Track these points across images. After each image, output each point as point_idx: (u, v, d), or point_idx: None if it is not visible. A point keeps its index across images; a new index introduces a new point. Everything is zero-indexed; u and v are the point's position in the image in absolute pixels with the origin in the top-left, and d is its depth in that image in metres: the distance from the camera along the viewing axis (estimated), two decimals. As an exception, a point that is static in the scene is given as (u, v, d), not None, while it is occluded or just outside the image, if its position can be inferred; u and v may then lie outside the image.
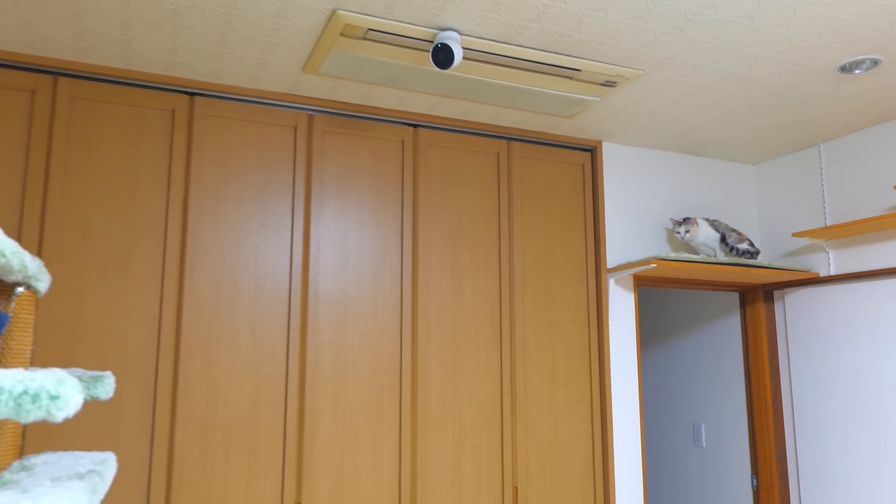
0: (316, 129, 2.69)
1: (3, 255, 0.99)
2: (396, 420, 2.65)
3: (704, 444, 3.75)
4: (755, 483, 3.39)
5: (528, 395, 2.88)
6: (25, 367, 1.29)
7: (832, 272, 3.11)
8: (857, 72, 2.43)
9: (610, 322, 3.07)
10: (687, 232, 3.07)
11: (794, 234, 3.06)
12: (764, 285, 3.41)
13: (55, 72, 2.38)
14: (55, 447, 2.20)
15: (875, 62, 2.36)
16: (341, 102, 2.73)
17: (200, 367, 2.41)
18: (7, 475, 1.12)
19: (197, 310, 2.44)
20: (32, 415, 0.78)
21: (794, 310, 3.28)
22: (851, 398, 2.99)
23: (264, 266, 2.55)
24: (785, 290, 3.34)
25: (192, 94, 2.54)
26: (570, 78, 2.46)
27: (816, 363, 3.16)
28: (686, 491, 3.88)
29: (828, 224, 3.16)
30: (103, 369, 2.29)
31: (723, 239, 3.12)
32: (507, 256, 2.93)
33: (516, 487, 2.79)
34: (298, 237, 2.61)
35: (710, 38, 2.20)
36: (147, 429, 2.32)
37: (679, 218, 3.32)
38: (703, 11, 2.04)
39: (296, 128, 2.67)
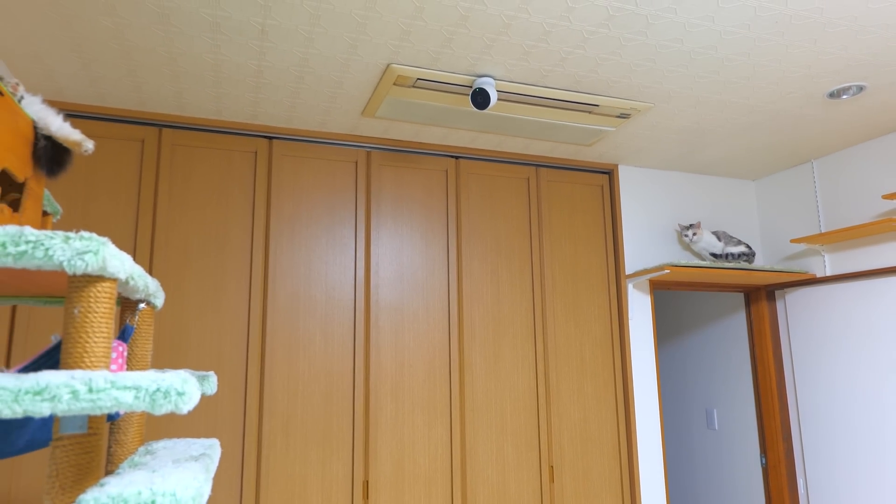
0: (373, 164, 2.74)
1: (133, 279, 1.05)
2: (447, 409, 2.66)
3: (717, 427, 3.68)
4: (764, 461, 3.30)
5: (559, 385, 2.87)
6: (146, 370, 1.35)
7: (828, 273, 3.04)
8: (844, 97, 2.38)
9: (629, 321, 3.04)
10: (694, 234, 3.05)
11: (793, 241, 3.00)
12: (766, 286, 3.34)
13: (160, 124, 2.46)
14: (167, 435, 2.26)
15: (860, 88, 2.31)
16: (394, 140, 2.77)
17: (282, 367, 2.46)
18: (136, 458, 1.16)
19: (278, 318, 2.48)
20: (164, 408, 0.82)
21: (795, 307, 3.20)
22: (848, 383, 2.91)
23: (333, 280, 2.59)
24: (785, 290, 3.26)
25: (271, 138, 2.61)
26: (590, 112, 2.47)
27: (816, 354, 3.08)
28: (702, 469, 3.81)
29: (822, 231, 3.09)
30: (204, 370, 2.36)
31: (713, 253, 3.11)
32: (538, 266, 2.93)
33: (552, 466, 2.78)
34: (361, 254, 2.65)
35: (711, 73, 2.18)
36: (240, 419, 2.37)
37: (686, 223, 3.29)
38: (704, 52, 2.03)
39: (356, 163, 2.72)
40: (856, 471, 2.86)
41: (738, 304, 3.54)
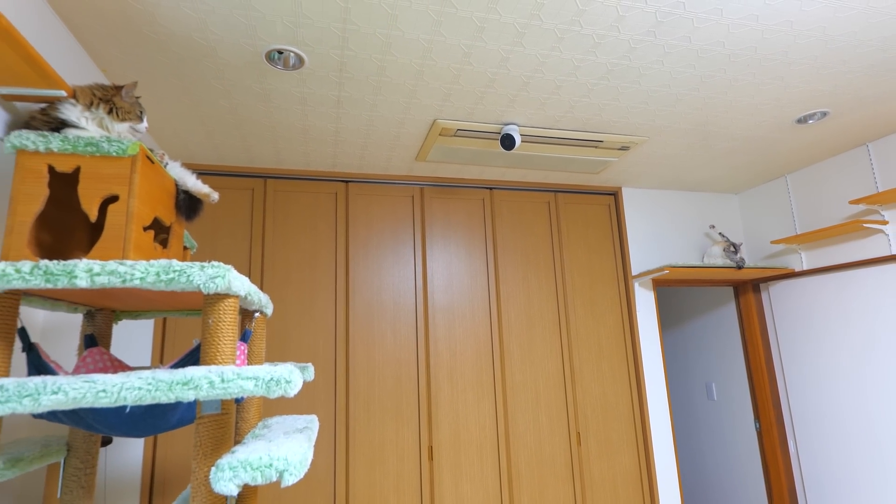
0: (426, 197, 2.77)
1: (250, 295, 1.09)
2: (492, 387, 2.64)
3: (716, 398, 3.51)
4: (758, 426, 3.13)
5: (582, 367, 2.81)
6: (261, 363, 1.39)
7: (804, 268, 2.88)
8: (810, 122, 2.27)
9: (637, 313, 2.96)
10: (735, 253, 2.94)
11: (773, 242, 2.86)
12: (752, 280, 3.19)
13: (264, 175, 2.55)
14: (278, 413, 2.32)
15: (824, 113, 2.21)
16: (441, 177, 2.79)
17: (362, 358, 2.49)
18: (257, 431, 1.20)
19: (358, 320, 2.52)
20: (276, 393, 0.85)
21: (778, 297, 3.05)
22: (826, 357, 2.74)
23: (398, 289, 2.62)
24: (769, 283, 3.11)
25: (347, 182, 2.67)
26: (596, 147, 2.44)
27: (797, 334, 2.92)
28: (705, 433, 3.64)
29: (798, 232, 2.94)
30: (304, 362, 2.42)
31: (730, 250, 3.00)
32: (560, 271, 2.89)
33: (579, 432, 2.72)
34: (419, 268, 2.67)
35: (695, 109, 2.12)
36: (331, 399, 2.41)
37: (738, 241, 3.15)
38: (688, 93, 1.98)
39: (413, 197, 2.75)
40: (841, 429, 2.68)
41: (728, 296, 3.40)
